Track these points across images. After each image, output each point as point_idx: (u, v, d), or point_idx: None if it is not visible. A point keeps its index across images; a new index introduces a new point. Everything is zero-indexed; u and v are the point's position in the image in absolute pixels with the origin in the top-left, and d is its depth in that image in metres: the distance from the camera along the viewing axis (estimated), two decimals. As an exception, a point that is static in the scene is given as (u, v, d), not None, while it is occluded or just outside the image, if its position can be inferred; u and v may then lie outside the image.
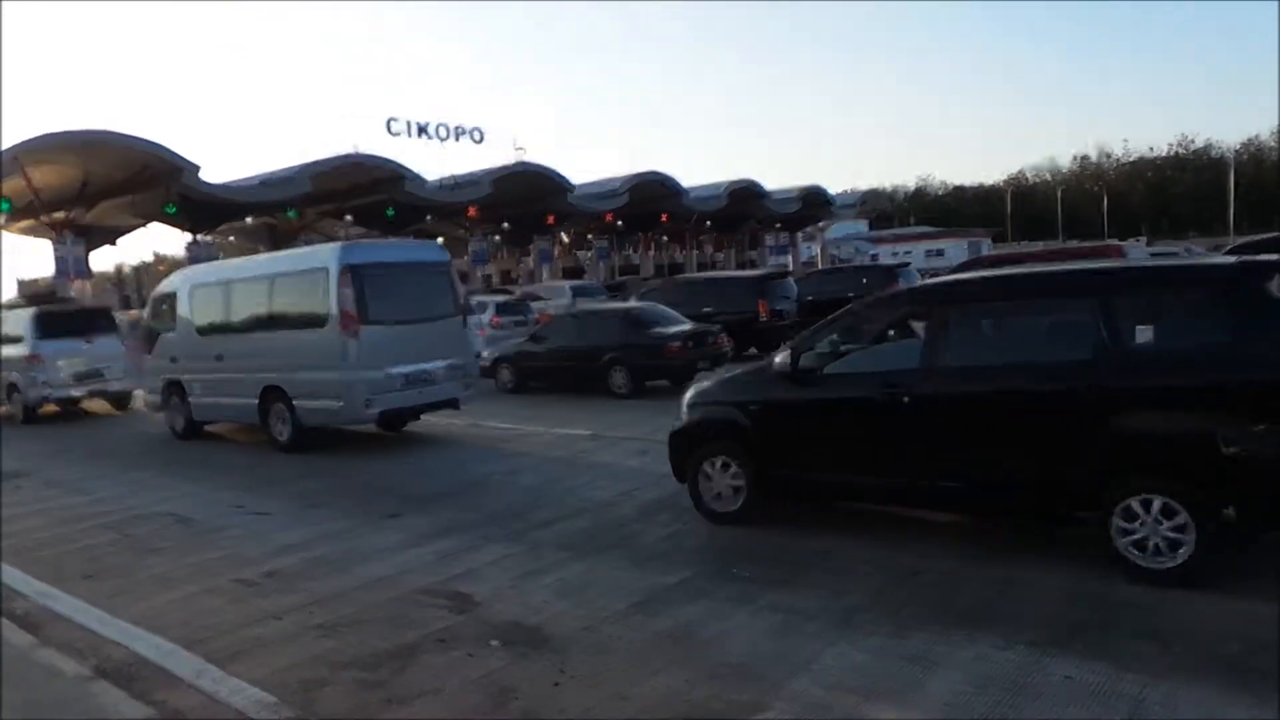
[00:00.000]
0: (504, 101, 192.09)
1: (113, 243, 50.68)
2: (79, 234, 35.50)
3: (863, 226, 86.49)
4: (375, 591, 5.80)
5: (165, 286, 13.76)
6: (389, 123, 43.84)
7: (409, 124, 44.43)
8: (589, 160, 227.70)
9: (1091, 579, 5.17)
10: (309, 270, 11.05)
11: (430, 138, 45.20)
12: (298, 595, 5.80)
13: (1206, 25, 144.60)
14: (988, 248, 59.73)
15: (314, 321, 10.71)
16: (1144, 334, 5.29)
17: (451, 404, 11.67)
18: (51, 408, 16.25)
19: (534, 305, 23.70)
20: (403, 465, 9.97)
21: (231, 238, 56.08)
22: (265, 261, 13.28)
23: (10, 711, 4.29)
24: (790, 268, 45.60)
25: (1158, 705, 3.80)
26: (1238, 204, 71.41)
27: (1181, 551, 4.98)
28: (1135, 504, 5.12)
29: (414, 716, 4.12)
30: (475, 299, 21.34)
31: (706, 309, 16.67)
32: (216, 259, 36.41)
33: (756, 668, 4.35)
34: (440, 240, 61.26)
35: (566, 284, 31.91)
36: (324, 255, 11.19)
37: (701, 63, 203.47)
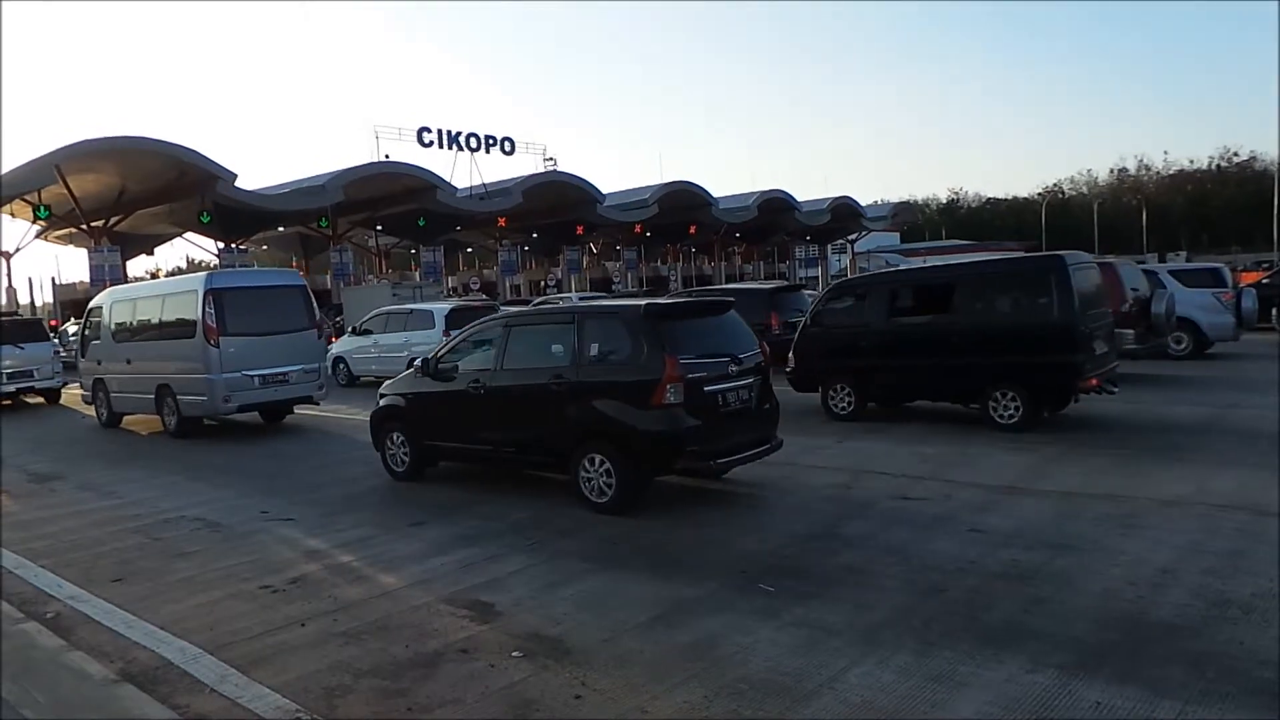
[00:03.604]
0: (534, 112, 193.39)
1: (149, 251, 51.62)
2: (116, 242, 36.11)
3: (894, 239, 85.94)
4: (398, 600, 5.81)
5: (94, 302, 16.54)
6: (420, 133, 44.30)
7: (440, 134, 44.82)
8: (618, 172, 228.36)
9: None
10: (186, 292, 13.72)
11: (461, 148, 45.56)
12: (321, 602, 5.83)
13: (1250, 34, 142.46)
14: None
15: (187, 333, 13.29)
16: (594, 348, 7.80)
17: (308, 400, 14.35)
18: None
19: None
20: (426, 475, 9.99)
21: (264, 246, 56.82)
22: (161, 284, 16.62)
23: (38, 712, 4.34)
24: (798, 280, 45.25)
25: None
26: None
27: (612, 491, 7.56)
28: (589, 459, 7.68)
29: (434, 726, 4.10)
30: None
31: None
32: (251, 266, 36.97)
33: (779, 684, 4.30)
34: (470, 249, 61.78)
35: (574, 295, 33.53)
36: (195, 281, 13.92)
37: (733, 73, 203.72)
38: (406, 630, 5.25)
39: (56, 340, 24.24)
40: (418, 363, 9.32)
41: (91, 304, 16.64)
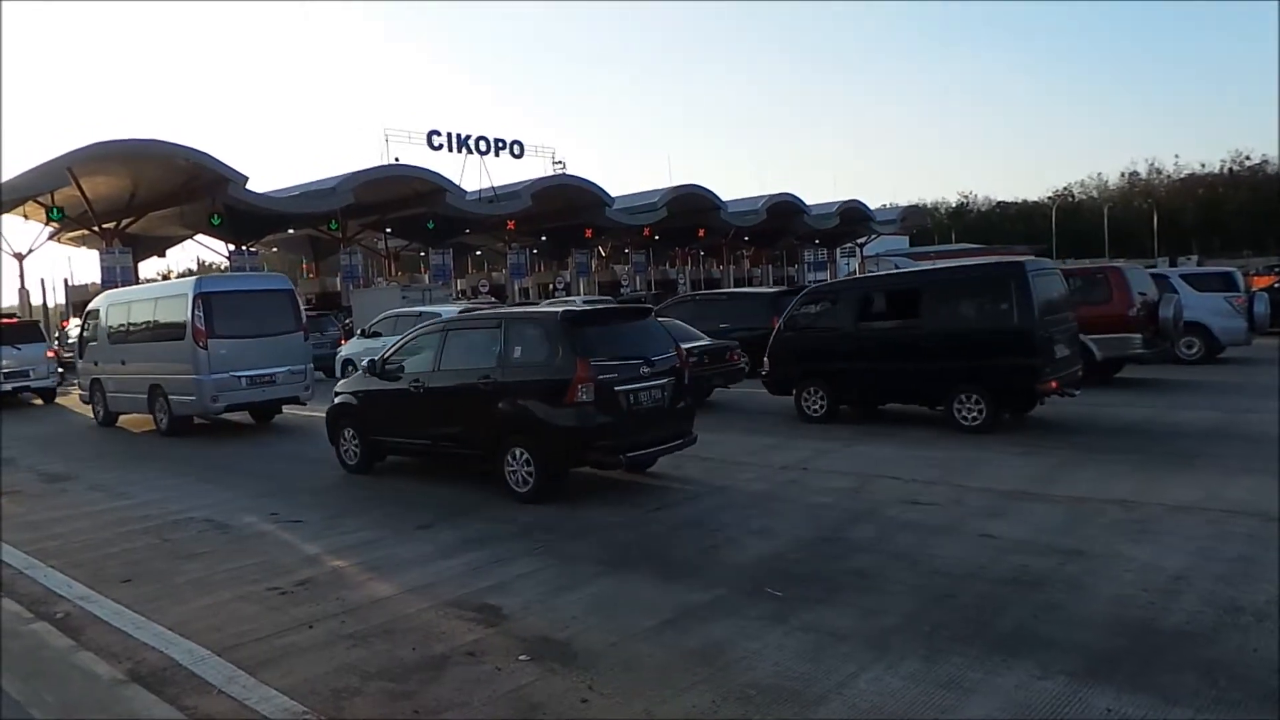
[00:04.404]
0: (543, 115, 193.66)
1: (160, 253, 51.82)
2: (127, 244, 36.28)
3: (904, 242, 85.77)
4: (405, 602, 5.81)
5: (92, 305, 17.05)
6: (430, 136, 44.39)
7: (450, 137, 44.92)
8: (627, 175, 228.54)
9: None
10: (176, 295, 14.21)
11: (471, 151, 45.64)
12: (329, 604, 5.84)
13: (1260, 36, 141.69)
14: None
15: (178, 335, 13.74)
16: (518, 351, 8.51)
17: (295, 400, 14.73)
18: None
19: None
20: (433, 478, 10.01)
21: (275, 248, 57.02)
22: (154, 288, 17.09)
23: (47, 713, 4.35)
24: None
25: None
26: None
27: (532, 482, 8.22)
28: (512, 453, 8.34)
29: (440, 729, 4.10)
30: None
31: (723, 325, 16.66)
32: (261, 269, 37.12)
33: (787, 689, 4.28)
34: (478, 251, 61.87)
35: (578, 298, 34.50)
36: (185, 285, 14.37)
37: (742, 77, 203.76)
38: (413, 633, 5.25)
39: (56, 341, 24.90)
40: (365, 363, 10.09)
41: (89, 307, 17.14)
